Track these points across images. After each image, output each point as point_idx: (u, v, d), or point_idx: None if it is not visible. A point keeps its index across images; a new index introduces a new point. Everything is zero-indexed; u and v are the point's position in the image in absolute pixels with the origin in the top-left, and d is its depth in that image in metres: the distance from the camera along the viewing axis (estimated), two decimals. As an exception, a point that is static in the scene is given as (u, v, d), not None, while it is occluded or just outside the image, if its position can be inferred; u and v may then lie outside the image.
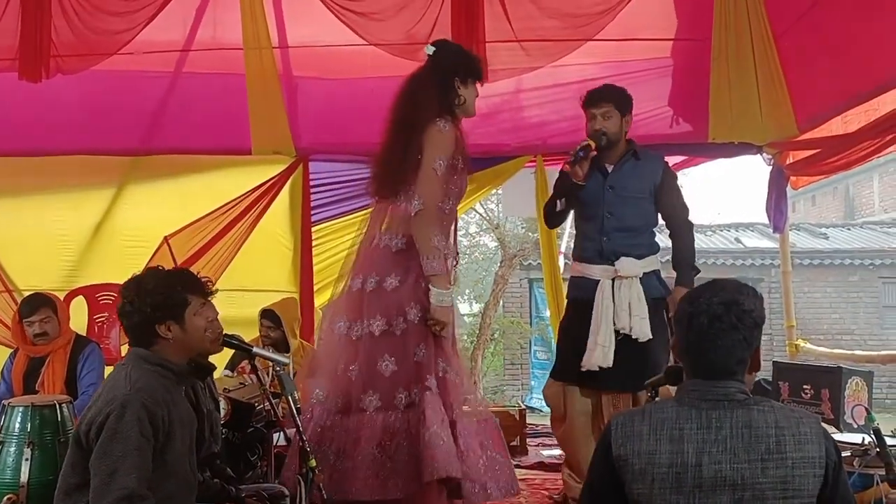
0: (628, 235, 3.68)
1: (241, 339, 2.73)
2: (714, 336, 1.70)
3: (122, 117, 5.15)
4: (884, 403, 13.13)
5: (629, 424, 1.72)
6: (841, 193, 22.26)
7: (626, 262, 3.62)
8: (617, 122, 3.69)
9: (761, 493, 1.62)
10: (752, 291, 1.76)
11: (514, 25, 4.60)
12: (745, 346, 1.72)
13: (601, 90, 3.76)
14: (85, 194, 5.39)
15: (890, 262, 15.01)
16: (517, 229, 12.66)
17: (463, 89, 3.15)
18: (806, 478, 1.64)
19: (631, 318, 3.54)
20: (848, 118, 4.63)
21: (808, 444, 1.66)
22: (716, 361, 1.71)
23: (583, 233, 3.80)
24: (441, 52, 3.20)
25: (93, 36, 4.51)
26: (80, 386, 3.92)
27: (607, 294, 3.59)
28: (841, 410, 3.99)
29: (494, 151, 5.41)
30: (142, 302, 2.35)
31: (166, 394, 2.33)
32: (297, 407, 2.56)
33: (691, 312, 1.72)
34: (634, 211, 3.69)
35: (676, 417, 1.69)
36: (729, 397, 1.70)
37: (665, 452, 1.66)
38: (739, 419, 1.67)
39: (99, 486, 2.15)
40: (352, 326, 3.11)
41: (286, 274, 5.46)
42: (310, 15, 4.83)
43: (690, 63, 5.15)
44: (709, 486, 1.63)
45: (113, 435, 2.17)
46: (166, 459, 2.28)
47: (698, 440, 1.66)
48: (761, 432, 1.65)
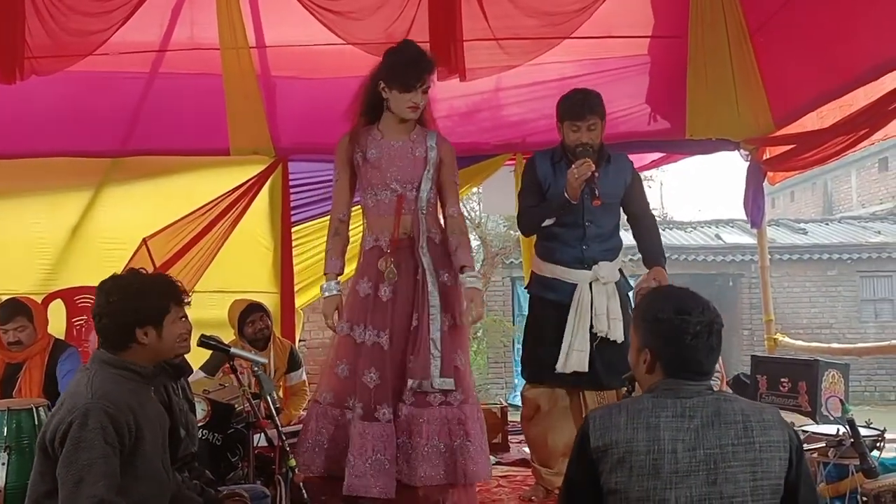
0: (605, 240, 3.72)
1: (219, 340, 2.72)
2: (709, 348, 1.85)
3: (98, 119, 5.10)
4: (863, 396, 13.28)
5: (607, 417, 1.82)
6: (819, 189, 22.50)
7: (604, 266, 3.65)
8: (599, 132, 3.65)
9: (733, 476, 1.73)
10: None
11: (492, 24, 4.59)
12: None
13: (589, 102, 3.63)
14: (62, 196, 5.34)
15: (868, 257, 15.21)
16: (499, 228, 12.69)
17: (388, 93, 3.28)
18: (773, 460, 1.76)
19: (609, 321, 3.59)
20: (823, 114, 4.68)
21: (773, 430, 1.79)
22: (704, 367, 1.86)
23: (558, 238, 3.72)
24: (385, 54, 3.35)
25: (67, 37, 4.46)
26: (60, 390, 3.89)
27: (586, 299, 3.60)
28: (818, 403, 4.03)
29: (475, 150, 5.41)
30: (125, 304, 2.32)
31: (132, 397, 2.30)
32: (277, 407, 2.56)
33: (688, 324, 1.83)
34: (610, 215, 3.73)
35: (652, 407, 1.81)
36: (700, 393, 1.84)
37: (642, 440, 1.76)
38: (709, 408, 1.80)
39: (67, 497, 2.13)
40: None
41: (266, 274, 5.44)
42: (287, 14, 4.80)
43: (668, 60, 5.18)
44: (684, 471, 1.73)
45: (77, 444, 2.15)
46: (136, 464, 2.26)
47: (673, 428, 1.77)
48: (730, 419, 1.78)
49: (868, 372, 13.74)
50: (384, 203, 3.32)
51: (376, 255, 3.30)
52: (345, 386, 3.29)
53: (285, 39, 5.00)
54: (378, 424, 3.16)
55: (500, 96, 5.37)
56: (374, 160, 3.32)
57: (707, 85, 4.98)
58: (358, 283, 3.33)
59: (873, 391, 13.80)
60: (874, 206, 19.31)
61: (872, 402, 12.68)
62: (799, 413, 3.97)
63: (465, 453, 3.20)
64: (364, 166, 3.34)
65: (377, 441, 3.14)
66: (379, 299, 3.26)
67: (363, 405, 3.18)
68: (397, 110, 3.29)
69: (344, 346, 3.33)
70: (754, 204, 5.38)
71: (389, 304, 3.26)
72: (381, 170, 3.31)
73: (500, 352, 14.15)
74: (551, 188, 3.69)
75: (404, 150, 3.33)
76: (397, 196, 3.30)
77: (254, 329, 4.46)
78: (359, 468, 3.09)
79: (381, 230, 3.32)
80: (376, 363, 3.21)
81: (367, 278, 3.31)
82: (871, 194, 20.01)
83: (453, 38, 4.49)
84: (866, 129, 4.11)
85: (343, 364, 3.31)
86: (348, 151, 3.37)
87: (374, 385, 3.17)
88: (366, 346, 3.24)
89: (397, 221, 3.28)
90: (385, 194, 3.32)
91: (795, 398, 4.24)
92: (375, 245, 3.32)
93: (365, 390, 3.18)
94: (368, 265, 3.33)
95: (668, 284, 2.10)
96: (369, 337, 3.24)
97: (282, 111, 5.16)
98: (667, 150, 5.74)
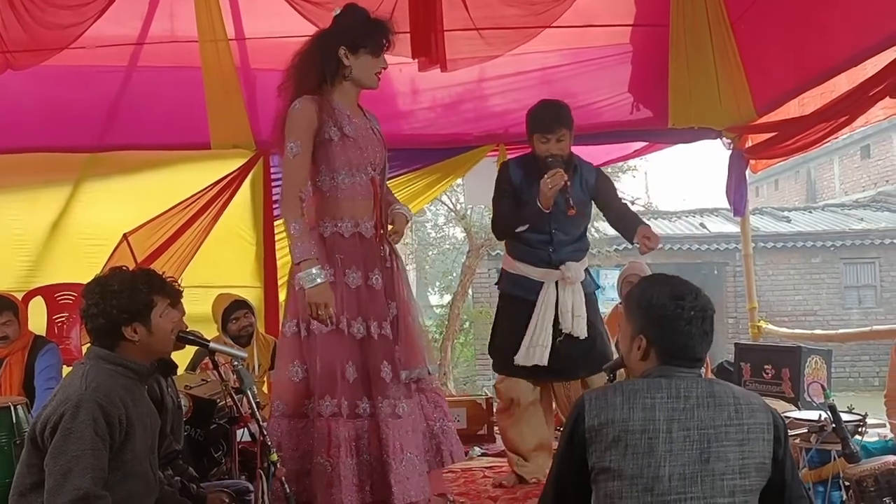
0: (571, 243, 3.84)
1: (199, 335, 2.70)
2: (703, 334, 1.89)
3: (76, 113, 5.05)
4: (847, 382, 13.40)
5: (602, 397, 1.85)
6: (803, 177, 22.63)
7: (570, 267, 3.77)
8: (568, 143, 3.76)
9: (724, 454, 1.79)
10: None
11: (473, 14, 4.57)
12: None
13: (556, 114, 3.73)
14: (41, 192, 5.27)
15: (851, 244, 15.31)
16: (484, 219, 12.67)
17: (352, 59, 2.97)
18: (758, 441, 1.83)
19: (573, 318, 3.72)
20: (805, 101, 4.70)
21: (759, 413, 1.85)
22: (698, 353, 1.90)
23: (526, 241, 3.84)
24: (337, 17, 3.03)
25: (43, 30, 4.39)
26: (36, 386, 3.86)
27: (551, 298, 3.74)
28: (801, 389, 4.05)
29: (457, 141, 5.42)
30: (107, 304, 2.31)
31: (125, 393, 2.29)
32: (257, 402, 2.54)
33: (684, 311, 1.87)
34: (578, 222, 3.84)
35: (647, 388, 1.84)
36: (693, 378, 1.88)
37: (638, 420, 1.79)
38: (703, 390, 1.85)
39: (53, 487, 2.12)
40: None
41: (249, 269, 5.41)
42: (266, 6, 4.77)
43: (649, 49, 5.19)
44: (678, 450, 1.78)
45: (67, 435, 2.14)
46: (125, 459, 2.25)
47: (668, 408, 1.81)
48: (723, 401, 1.84)
49: (852, 358, 13.85)
50: (360, 185, 3.01)
51: (359, 242, 3.01)
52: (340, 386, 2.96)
53: (265, 31, 4.95)
54: (360, 421, 2.94)
55: (482, 87, 5.35)
56: (353, 137, 2.99)
57: (689, 74, 5.00)
58: (346, 275, 2.97)
59: (857, 377, 13.91)
60: (857, 193, 19.44)
61: (857, 388, 12.77)
62: (782, 399, 3.99)
63: (448, 434, 3.13)
64: (343, 142, 2.97)
65: (404, 436, 2.94)
66: (372, 288, 3.00)
67: (349, 403, 2.92)
68: (362, 77, 3.00)
69: (330, 342, 2.96)
70: (737, 192, 5.40)
71: (377, 292, 3.01)
72: (361, 149, 3.01)
73: (486, 344, 14.16)
74: (524, 195, 3.78)
75: (367, 129, 3.08)
76: (370, 179, 3.04)
77: (238, 326, 4.43)
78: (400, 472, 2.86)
79: (361, 215, 3.02)
80: (372, 356, 2.97)
81: (356, 267, 2.98)
82: (854, 182, 20.15)
83: (434, 29, 4.46)
84: (847, 116, 4.12)
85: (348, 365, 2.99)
86: (316, 120, 2.94)
87: (353, 379, 2.95)
88: (365, 340, 2.96)
89: (377, 206, 3.05)
90: (361, 177, 3.01)
91: (779, 385, 4.26)
92: (356, 231, 3.00)
93: (346, 386, 2.93)
94: (354, 253, 3.00)
95: (660, 273, 2.10)
96: (359, 330, 2.95)
97: (262, 104, 5.11)
98: (649, 139, 5.75)
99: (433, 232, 15.04)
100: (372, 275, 3.00)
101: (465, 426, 5.01)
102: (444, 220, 14.25)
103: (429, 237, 15.15)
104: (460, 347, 13.80)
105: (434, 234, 15.03)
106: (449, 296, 14.57)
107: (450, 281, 15.36)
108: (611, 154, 6.13)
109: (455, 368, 12.85)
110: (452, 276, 14.91)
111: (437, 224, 14.54)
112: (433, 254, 15.18)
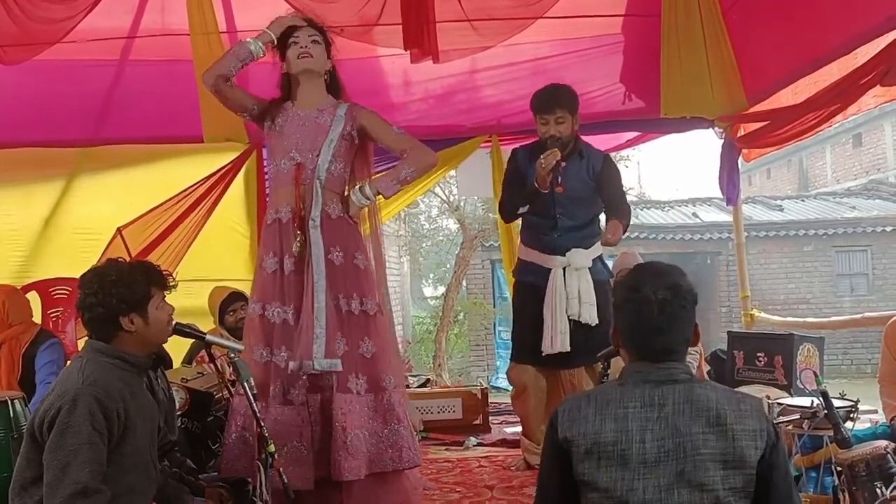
0: (579, 229, 3.85)
1: (195, 328, 2.71)
2: (663, 322, 1.77)
3: (69, 108, 5.03)
4: (839, 369, 13.47)
5: (575, 409, 1.79)
6: (795, 166, 22.68)
7: (576, 253, 3.79)
8: (569, 125, 3.79)
9: (703, 465, 1.69)
10: (680, 270, 1.84)
11: (465, 5, 4.55)
12: (689, 326, 1.81)
13: (554, 96, 3.80)
14: (34, 187, 5.26)
15: (843, 232, 15.36)
16: (477, 211, 12.68)
17: (285, 59, 3.32)
18: (748, 449, 1.71)
19: (581, 305, 3.73)
20: (798, 89, 4.70)
21: (749, 419, 1.73)
22: (665, 345, 1.78)
23: (534, 226, 3.91)
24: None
25: (34, 25, 4.36)
26: (37, 382, 3.85)
27: (559, 283, 3.77)
28: (794, 376, 4.09)
29: (450, 132, 5.41)
30: (105, 293, 2.31)
31: (124, 387, 2.30)
32: (254, 394, 2.55)
33: (638, 302, 1.77)
34: (584, 207, 3.86)
35: (621, 397, 1.77)
36: (672, 378, 1.78)
37: (610, 431, 1.73)
38: (681, 395, 1.75)
39: (52, 481, 2.13)
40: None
41: (243, 262, 5.39)
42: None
43: (641, 39, 5.18)
44: (653, 461, 1.71)
45: (65, 429, 2.15)
46: (125, 453, 2.26)
47: (642, 418, 1.73)
48: (702, 406, 1.73)
49: (845, 346, 13.91)
50: (283, 173, 3.22)
51: (276, 229, 3.19)
52: (265, 371, 3.12)
53: (256, 24, 4.88)
54: (292, 408, 3.04)
55: (475, 78, 5.35)
56: (279, 127, 3.26)
57: (681, 63, 4.99)
58: (264, 260, 3.20)
59: (850, 364, 13.97)
60: (849, 181, 19.50)
61: (849, 375, 12.85)
62: (775, 387, 4.02)
63: (399, 438, 3.12)
64: (270, 133, 3.29)
65: (292, 427, 3.02)
66: (283, 274, 3.15)
67: (280, 386, 3.06)
68: (295, 69, 3.24)
69: (258, 328, 3.17)
70: (729, 181, 5.41)
71: (292, 277, 3.14)
72: (283, 136, 3.24)
73: (480, 334, 14.18)
74: (529, 179, 3.81)
75: (308, 119, 3.25)
76: (296, 165, 3.19)
77: (235, 318, 4.43)
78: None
79: (282, 202, 3.20)
80: (287, 342, 3.08)
81: (273, 253, 3.17)
82: (846, 170, 20.21)
83: (426, 20, 4.45)
84: (839, 104, 4.13)
85: (260, 348, 3.14)
86: (264, 108, 3.32)
87: (285, 365, 3.05)
88: (277, 326, 3.11)
89: (297, 192, 3.17)
90: (285, 163, 3.22)
91: (772, 372, 4.30)
92: (276, 218, 3.20)
93: (279, 371, 3.07)
94: (272, 240, 3.19)
95: (640, 263, 2.03)
96: (278, 315, 3.11)
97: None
98: (641, 129, 5.76)
99: (426, 223, 15.06)
100: (286, 260, 3.14)
101: (461, 416, 5.05)
102: (438, 212, 14.29)
103: (422, 229, 15.17)
104: (454, 339, 13.81)
105: (427, 226, 15.05)
106: (443, 287, 14.61)
107: (443, 272, 15.39)
108: (603, 144, 6.12)
109: (449, 360, 12.88)
110: (446, 267, 14.93)
111: (431, 216, 14.58)
112: (427, 245, 15.20)
